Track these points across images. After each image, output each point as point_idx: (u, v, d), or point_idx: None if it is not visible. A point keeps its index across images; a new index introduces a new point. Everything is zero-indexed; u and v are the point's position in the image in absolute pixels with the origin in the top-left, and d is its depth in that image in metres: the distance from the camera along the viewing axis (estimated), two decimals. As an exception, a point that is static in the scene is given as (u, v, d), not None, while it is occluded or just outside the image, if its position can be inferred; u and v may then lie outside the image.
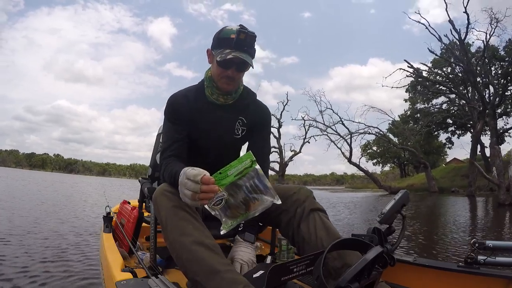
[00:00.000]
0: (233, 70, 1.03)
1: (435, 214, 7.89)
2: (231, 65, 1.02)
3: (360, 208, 9.26)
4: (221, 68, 1.03)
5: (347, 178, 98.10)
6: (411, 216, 6.63)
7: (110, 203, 1.73)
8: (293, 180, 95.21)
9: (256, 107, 1.19)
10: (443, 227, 5.26)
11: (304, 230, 0.97)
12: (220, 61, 1.01)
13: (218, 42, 1.04)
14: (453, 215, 7.38)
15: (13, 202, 5.93)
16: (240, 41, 0.99)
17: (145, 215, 1.45)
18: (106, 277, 1.14)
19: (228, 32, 1.02)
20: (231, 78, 1.05)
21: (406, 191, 0.92)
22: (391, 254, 0.78)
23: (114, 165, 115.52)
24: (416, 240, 3.89)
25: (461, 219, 6.36)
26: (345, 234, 0.99)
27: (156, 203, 0.93)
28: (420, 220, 6.22)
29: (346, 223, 5.59)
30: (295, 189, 1.06)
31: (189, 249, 0.82)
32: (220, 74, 1.04)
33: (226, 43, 1.01)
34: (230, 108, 1.13)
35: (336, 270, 0.86)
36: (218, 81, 1.07)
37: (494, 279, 0.92)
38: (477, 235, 4.51)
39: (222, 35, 1.02)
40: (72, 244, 2.74)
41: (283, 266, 0.70)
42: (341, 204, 10.14)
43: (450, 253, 3.18)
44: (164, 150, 1.09)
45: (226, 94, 1.10)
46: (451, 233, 4.49)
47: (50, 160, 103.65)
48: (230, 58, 0.99)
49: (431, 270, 1.05)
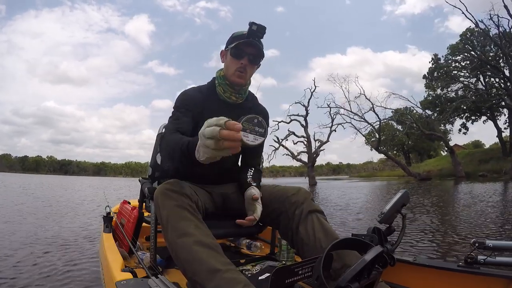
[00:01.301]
0: (246, 60, 1.10)
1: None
2: (244, 55, 1.09)
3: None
4: (235, 58, 1.10)
5: (343, 167, 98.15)
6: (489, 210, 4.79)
7: (110, 203, 1.73)
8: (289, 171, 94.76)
9: (258, 110, 1.24)
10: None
11: (303, 232, 0.98)
12: (235, 50, 1.09)
13: (231, 39, 1.12)
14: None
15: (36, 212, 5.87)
16: (253, 31, 1.07)
17: (145, 215, 1.45)
18: (106, 277, 1.14)
19: (240, 32, 1.11)
20: (243, 69, 1.10)
21: (406, 190, 0.92)
22: (391, 254, 0.78)
23: (109, 164, 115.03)
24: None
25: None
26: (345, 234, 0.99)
27: (157, 202, 0.93)
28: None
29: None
30: (293, 190, 1.07)
31: (189, 248, 0.82)
32: (234, 66, 1.10)
33: (239, 38, 1.09)
34: (237, 108, 1.17)
35: (336, 271, 0.86)
36: (232, 75, 1.12)
37: (494, 279, 0.92)
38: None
39: (236, 34, 1.12)
40: (72, 244, 2.74)
41: (287, 268, 0.69)
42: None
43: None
44: (170, 124, 1.08)
45: (238, 92, 1.15)
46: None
47: (44, 162, 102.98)
48: (245, 42, 1.06)
49: (431, 270, 1.05)
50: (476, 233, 3.19)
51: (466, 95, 22.37)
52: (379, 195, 9.78)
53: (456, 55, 23.22)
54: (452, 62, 23.53)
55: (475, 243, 0.99)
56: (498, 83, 21.19)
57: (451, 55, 23.55)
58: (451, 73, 22.97)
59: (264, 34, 1.08)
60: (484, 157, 22.99)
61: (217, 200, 1.17)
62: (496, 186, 11.18)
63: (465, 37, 22.06)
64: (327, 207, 6.14)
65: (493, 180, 15.26)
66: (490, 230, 3.33)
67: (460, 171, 19.88)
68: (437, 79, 24.60)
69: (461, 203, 6.34)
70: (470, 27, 21.46)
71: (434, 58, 24.11)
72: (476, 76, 21.77)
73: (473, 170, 20.32)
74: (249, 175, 1.17)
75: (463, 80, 22.88)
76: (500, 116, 23.51)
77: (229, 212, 1.18)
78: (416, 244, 2.78)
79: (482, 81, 22.29)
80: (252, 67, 1.13)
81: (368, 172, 47.01)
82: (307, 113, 21.90)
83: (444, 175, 21.37)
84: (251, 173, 1.18)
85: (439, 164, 24.82)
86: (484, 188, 10.31)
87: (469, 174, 19.58)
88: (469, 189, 10.05)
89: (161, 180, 1.35)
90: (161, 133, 1.61)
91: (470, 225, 3.64)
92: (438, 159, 30.95)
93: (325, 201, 7.72)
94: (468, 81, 22.94)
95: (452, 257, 2.38)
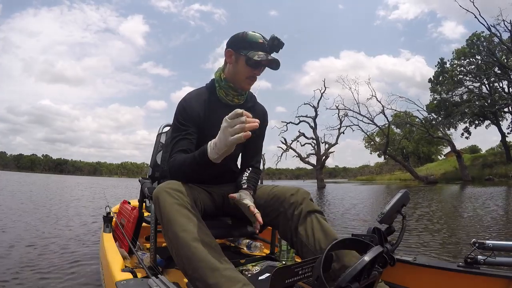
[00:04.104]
0: (259, 71, 1.12)
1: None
2: (260, 66, 1.10)
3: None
4: (250, 68, 1.09)
5: (339, 171, 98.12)
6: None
7: (110, 203, 1.73)
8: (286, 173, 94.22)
9: (258, 109, 1.25)
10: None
11: (302, 233, 0.98)
12: (256, 61, 1.07)
13: (245, 45, 1.09)
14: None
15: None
16: (274, 46, 1.08)
17: (145, 215, 1.45)
18: (106, 277, 1.14)
19: (254, 36, 1.09)
20: (254, 78, 1.12)
21: (406, 190, 0.92)
22: (391, 254, 0.78)
23: (105, 163, 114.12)
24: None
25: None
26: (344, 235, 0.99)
27: (157, 200, 0.93)
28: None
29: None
30: (292, 190, 1.07)
31: (189, 246, 0.82)
32: (247, 74, 1.11)
33: (256, 46, 1.08)
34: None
35: (335, 272, 0.86)
36: (242, 81, 1.12)
37: (494, 279, 0.92)
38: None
39: (250, 38, 1.09)
40: (72, 244, 2.74)
41: (287, 268, 0.69)
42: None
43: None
44: (174, 146, 1.09)
45: (240, 94, 1.16)
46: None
47: (39, 161, 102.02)
48: (269, 59, 1.07)
49: (431, 270, 1.05)
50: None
51: (471, 99, 22.47)
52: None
53: (461, 59, 23.44)
54: (457, 67, 23.74)
55: (475, 243, 0.99)
56: (501, 88, 21.27)
57: (456, 59, 23.79)
58: (456, 77, 23.11)
59: (280, 50, 1.11)
60: (486, 161, 23.07)
61: (217, 200, 1.17)
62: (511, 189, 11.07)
63: (471, 41, 22.31)
64: (356, 209, 6.12)
65: (502, 184, 15.14)
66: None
67: (467, 175, 19.95)
68: (442, 83, 24.74)
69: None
70: (476, 32, 21.83)
71: (440, 62, 24.45)
72: (480, 80, 21.92)
73: (478, 174, 20.38)
74: (244, 177, 1.16)
75: (468, 85, 23.02)
76: (503, 121, 23.72)
77: (228, 212, 1.18)
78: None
79: (486, 86, 22.42)
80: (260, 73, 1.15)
81: (365, 175, 46.95)
82: (316, 115, 21.72)
83: (449, 178, 21.45)
84: (246, 175, 1.17)
85: (442, 168, 24.84)
86: (501, 191, 10.31)
87: (474, 178, 19.59)
88: (490, 192, 9.92)
89: (161, 180, 1.35)
90: (161, 133, 1.62)
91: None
92: (440, 163, 31.00)
93: (354, 202, 7.62)
94: (473, 85, 23.09)
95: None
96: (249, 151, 1.25)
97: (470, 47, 22.22)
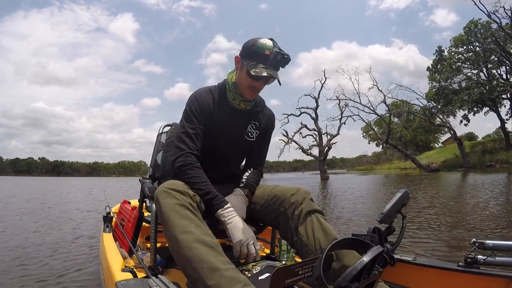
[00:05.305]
0: (261, 83, 1.10)
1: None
2: (260, 79, 1.07)
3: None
4: (251, 79, 1.07)
5: (337, 161, 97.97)
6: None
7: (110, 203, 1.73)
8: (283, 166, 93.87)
9: (267, 113, 1.26)
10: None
11: (302, 233, 0.98)
12: (253, 75, 1.04)
13: (250, 54, 1.06)
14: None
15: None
16: (276, 61, 1.04)
17: (145, 215, 1.45)
18: (106, 277, 1.14)
19: (262, 46, 1.04)
20: (257, 89, 1.11)
21: (406, 190, 0.92)
22: (391, 254, 0.77)
23: (102, 163, 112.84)
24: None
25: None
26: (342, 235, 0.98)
27: (158, 201, 0.93)
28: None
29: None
30: (293, 190, 1.07)
31: (189, 246, 0.82)
32: (247, 84, 1.09)
33: (260, 57, 1.04)
34: (246, 112, 1.18)
35: (335, 272, 0.86)
36: (244, 90, 1.11)
37: (494, 279, 0.92)
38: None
39: (256, 48, 1.05)
40: (73, 244, 2.74)
41: (287, 268, 0.69)
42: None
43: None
44: (185, 144, 1.08)
45: (247, 100, 1.15)
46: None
47: (36, 164, 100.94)
48: (265, 75, 1.03)
49: (431, 269, 1.05)
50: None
51: (470, 86, 22.25)
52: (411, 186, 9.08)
53: (458, 47, 23.37)
54: (455, 54, 23.67)
55: (475, 243, 0.99)
56: (499, 75, 21.25)
57: (454, 47, 23.74)
58: (454, 65, 23.04)
59: (286, 65, 1.07)
60: (486, 148, 22.94)
61: None
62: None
63: (469, 29, 22.31)
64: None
65: (504, 170, 14.83)
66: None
67: (469, 162, 19.85)
68: (441, 71, 24.59)
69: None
70: (473, 19, 21.76)
71: (438, 50, 24.47)
72: (478, 67, 21.83)
73: (479, 161, 20.20)
74: (244, 177, 1.18)
75: (466, 72, 22.95)
76: (501, 108, 23.66)
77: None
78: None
79: (485, 73, 22.33)
80: (265, 85, 1.13)
81: (363, 165, 46.64)
82: (317, 106, 21.22)
83: (450, 166, 21.17)
84: (247, 175, 1.19)
85: (441, 156, 24.58)
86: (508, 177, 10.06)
87: (475, 165, 19.43)
88: (500, 178, 9.65)
89: (161, 180, 1.35)
90: (162, 133, 1.62)
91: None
92: (439, 151, 30.77)
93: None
94: (472, 72, 22.95)
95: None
96: (254, 154, 1.26)
97: (468, 34, 22.23)
